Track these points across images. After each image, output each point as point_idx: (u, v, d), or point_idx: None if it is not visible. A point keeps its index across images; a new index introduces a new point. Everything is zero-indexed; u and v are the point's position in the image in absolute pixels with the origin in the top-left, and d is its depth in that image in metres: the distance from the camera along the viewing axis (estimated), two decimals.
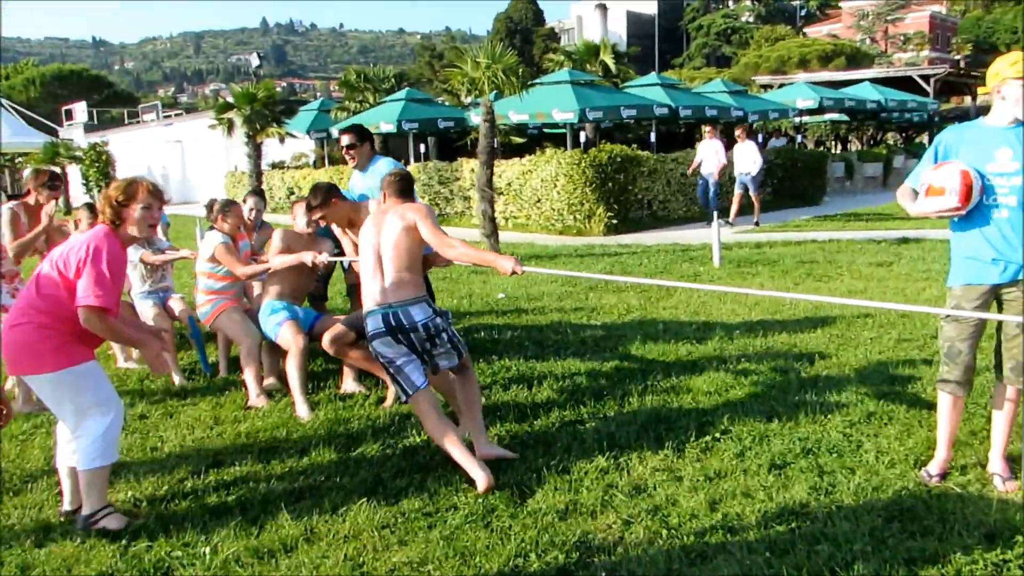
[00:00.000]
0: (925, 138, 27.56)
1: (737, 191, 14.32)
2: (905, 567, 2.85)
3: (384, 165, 5.39)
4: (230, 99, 17.75)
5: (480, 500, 3.51)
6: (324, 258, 4.95)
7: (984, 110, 5.71)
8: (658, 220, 15.11)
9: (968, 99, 30.33)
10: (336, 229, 5.25)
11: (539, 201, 14.69)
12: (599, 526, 3.28)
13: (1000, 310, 3.47)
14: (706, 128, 14.72)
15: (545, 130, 20.07)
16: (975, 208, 3.36)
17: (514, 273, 3.66)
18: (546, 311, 7.52)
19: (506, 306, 7.84)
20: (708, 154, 14.21)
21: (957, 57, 48.00)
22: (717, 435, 4.14)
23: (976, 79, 27.13)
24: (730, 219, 13.99)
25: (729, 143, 14.79)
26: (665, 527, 3.23)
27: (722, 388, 4.93)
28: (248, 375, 5.15)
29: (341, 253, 5.26)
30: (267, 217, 6.84)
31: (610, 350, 5.96)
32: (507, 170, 15.09)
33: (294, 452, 4.19)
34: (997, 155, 3.35)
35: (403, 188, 4.09)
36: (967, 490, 3.44)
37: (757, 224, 14.12)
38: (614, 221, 13.87)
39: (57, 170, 6.41)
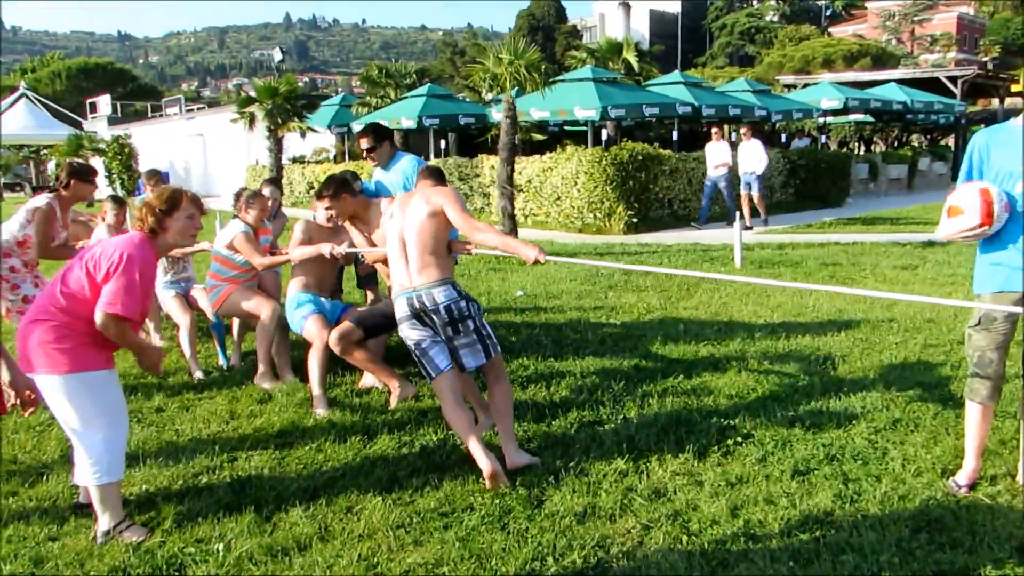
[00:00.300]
0: (951, 140, 27.21)
1: (743, 192, 14.05)
2: None
3: (407, 163, 5.37)
4: (252, 93, 17.76)
5: (496, 501, 3.46)
6: (342, 249, 4.93)
7: (1011, 112, 5.56)
8: (679, 220, 14.97)
9: (996, 101, 29.87)
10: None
11: (559, 199, 14.61)
12: (618, 530, 3.21)
13: None
14: (714, 130, 14.38)
15: (566, 127, 19.98)
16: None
17: (537, 262, 3.58)
18: (565, 309, 7.45)
19: (524, 304, 7.78)
20: (715, 156, 13.95)
21: (985, 59, 47.27)
22: (739, 439, 4.06)
23: (1005, 81, 26.75)
24: (747, 223, 13.56)
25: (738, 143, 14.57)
26: (685, 533, 3.16)
27: (744, 391, 4.84)
28: (260, 350, 5.25)
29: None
30: (288, 211, 6.82)
31: (630, 350, 5.89)
32: (527, 167, 15.03)
33: (309, 448, 4.16)
34: None
35: (435, 172, 4.33)
36: (997, 501, 3.34)
37: (766, 223, 13.83)
38: (634, 220, 13.75)
39: (92, 164, 6.42)
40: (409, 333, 3.83)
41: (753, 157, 13.78)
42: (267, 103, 16.85)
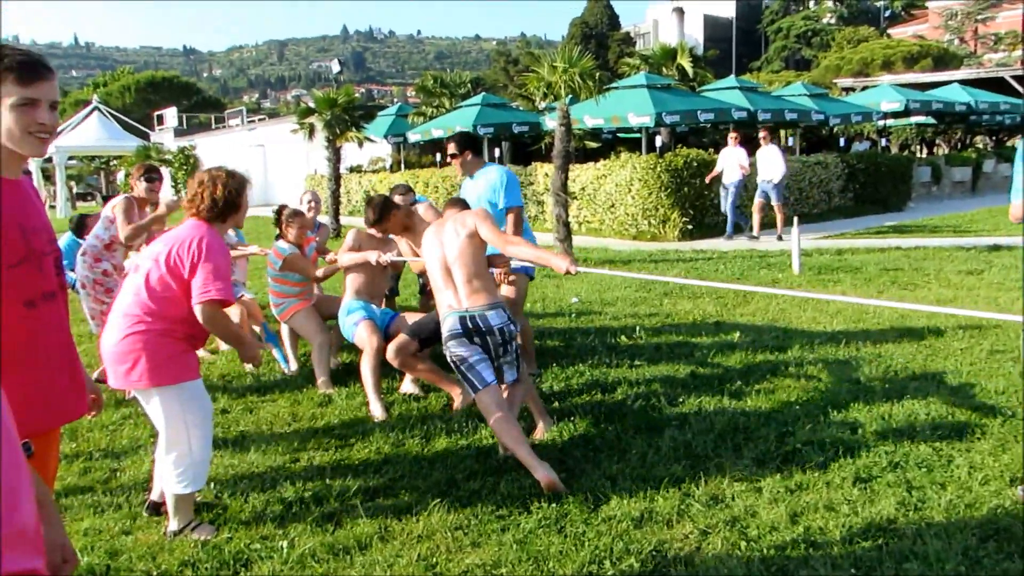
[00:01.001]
0: (1017, 141, 26.31)
1: (757, 200, 13.30)
2: None
3: (495, 173, 5.30)
4: (311, 104, 18.11)
5: (553, 505, 3.48)
6: (388, 258, 5.06)
7: None
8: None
9: None
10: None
11: (613, 206, 14.58)
12: (675, 535, 3.21)
13: None
14: (731, 134, 13.66)
15: (619, 134, 19.94)
16: None
17: (567, 273, 3.72)
18: (619, 316, 7.44)
19: (579, 310, 7.79)
20: (731, 162, 13.19)
21: None
22: (798, 445, 4.01)
23: None
24: (754, 233, 13.13)
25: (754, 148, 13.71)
26: (744, 539, 3.14)
27: (802, 397, 4.78)
28: (317, 368, 5.52)
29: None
30: (345, 220, 6.94)
31: (685, 356, 5.86)
32: (581, 174, 15.03)
33: (369, 451, 4.24)
34: None
35: (459, 202, 4.46)
36: None
37: (780, 239, 12.82)
38: (689, 227, 13.65)
39: (156, 164, 6.69)
40: (458, 350, 3.90)
41: (770, 164, 12.92)
42: (326, 114, 17.14)
